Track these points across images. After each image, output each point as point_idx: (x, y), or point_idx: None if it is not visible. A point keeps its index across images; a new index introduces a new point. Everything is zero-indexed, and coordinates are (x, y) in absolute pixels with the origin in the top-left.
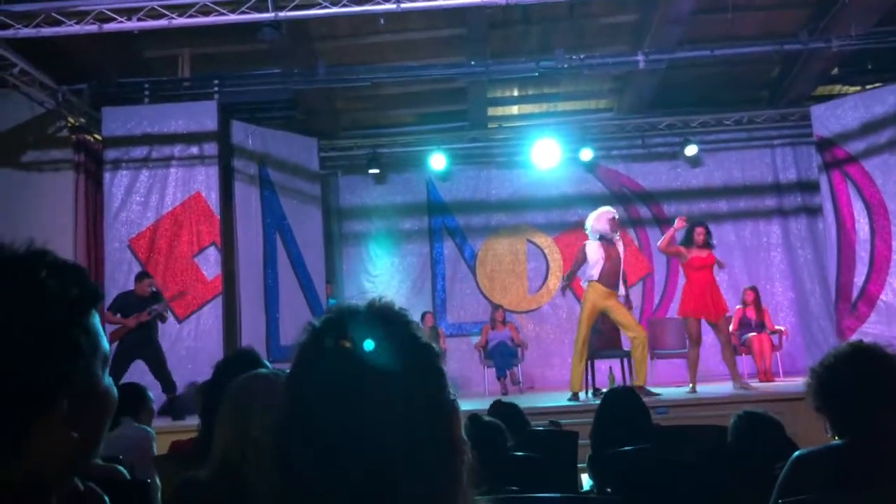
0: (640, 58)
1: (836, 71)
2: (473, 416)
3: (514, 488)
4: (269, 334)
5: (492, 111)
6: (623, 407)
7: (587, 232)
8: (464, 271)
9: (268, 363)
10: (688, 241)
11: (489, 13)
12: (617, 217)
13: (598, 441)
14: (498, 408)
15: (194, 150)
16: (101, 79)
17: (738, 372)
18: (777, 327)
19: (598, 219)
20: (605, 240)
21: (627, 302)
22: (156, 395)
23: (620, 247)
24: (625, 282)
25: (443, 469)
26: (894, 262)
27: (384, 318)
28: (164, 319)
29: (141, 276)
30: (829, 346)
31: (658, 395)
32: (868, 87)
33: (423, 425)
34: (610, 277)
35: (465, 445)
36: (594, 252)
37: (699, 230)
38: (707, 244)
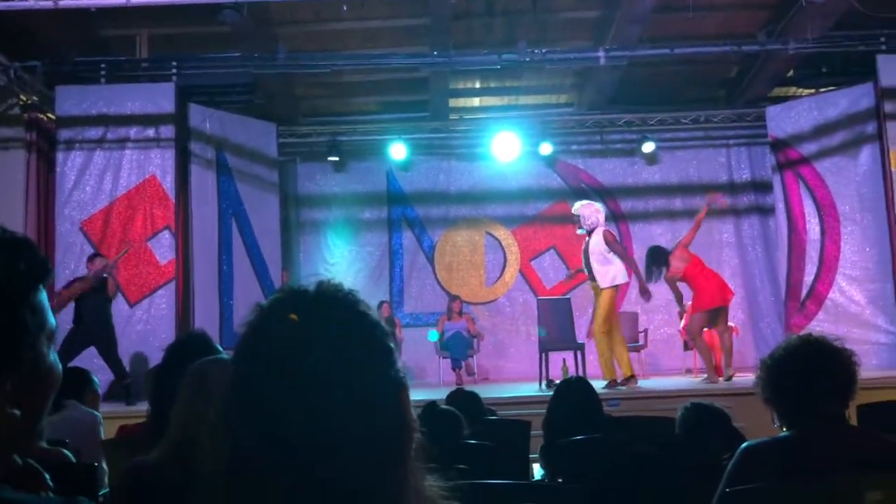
0: (600, 54)
1: (791, 73)
2: (430, 404)
3: (464, 467)
4: (222, 320)
5: (453, 102)
6: (575, 397)
7: (582, 224)
8: (422, 262)
9: (219, 347)
10: (662, 260)
11: (452, 3)
12: (599, 210)
13: (550, 431)
14: (457, 397)
15: (150, 132)
16: (56, 57)
17: (714, 363)
18: (728, 324)
19: (587, 210)
20: (588, 232)
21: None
22: (103, 380)
23: (594, 239)
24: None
25: (391, 446)
26: (843, 263)
27: (333, 297)
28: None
29: (93, 257)
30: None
31: (623, 388)
32: (822, 90)
33: (371, 402)
34: (587, 270)
35: (415, 423)
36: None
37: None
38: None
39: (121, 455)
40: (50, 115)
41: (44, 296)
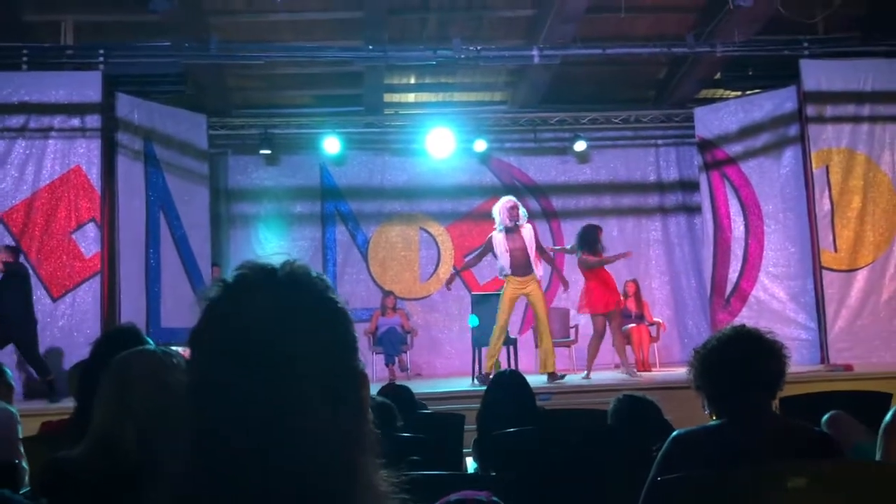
0: (534, 52)
1: (719, 75)
2: None
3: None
4: (149, 315)
5: (388, 97)
6: (508, 391)
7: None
8: (355, 257)
9: (150, 340)
10: (593, 243)
11: None
12: (516, 205)
13: (483, 424)
14: (389, 391)
15: (75, 121)
16: None
17: (627, 359)
18: (655, 319)
19: (500, 210)
20: (508, 230)
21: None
22: (22, 376)
23: (526, 233)
24: (548, 262)
25: (352, 437)
26: (766, 260)
27: (303, 279)
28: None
29: (6, 248)
30: (703, 338)
31: (563, 378)
32: (748, 92)
33: (336, 391)
34: (520, 266)
35: (371, 415)
36: (499, 244)
37: (601, 232)
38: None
39: (43, 452)
40: None
41: None
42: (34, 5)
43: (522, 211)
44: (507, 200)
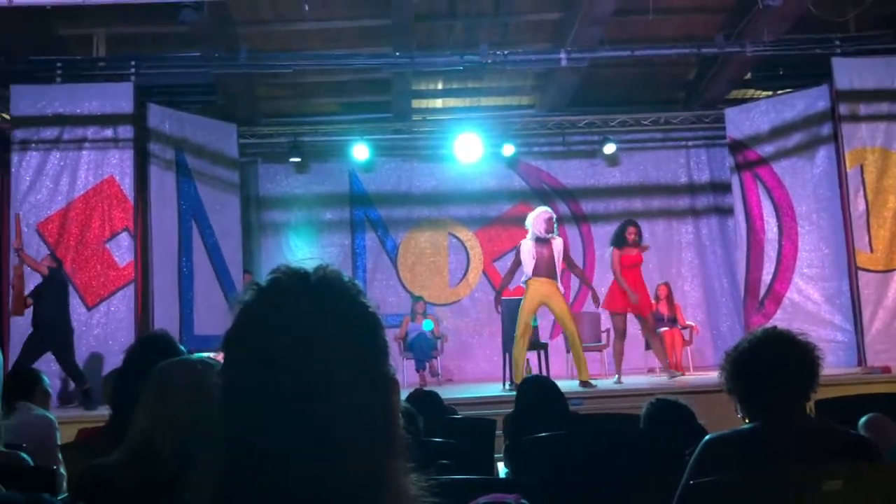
0: (561, 56)
1: (749, 75)
2: None
3: (446, 462)
4: (182, 322)
5: (416, 103)
6: (539, 395)
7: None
8: (385, 263)
9: (182, 348)
10: (620, 240)
11: (415, 4)
12: (552, 217)
13: (514, 429)
14: (417, 396)
15: (108, 132)
16: (11, 55)
17: (667, 362)
18: (688, 323)
19: (535, 220)
20: (539, 240)
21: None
22: (59, 384)
23: (556, 245)
24: (578, 277)
25: (383, 439)
26: (800, 262)
27: (334, 283)
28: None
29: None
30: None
31: (596, 385)
32: (779, 92)
33: (368, 397)
34: (543, 272)
35: (402, 421)
36: (527, 252)
37: (631, 230)
38: (637, 243)
39: (80, 459)
40: (4, 115)
41: None
42: (67, 19)
43: (555, 224)
44: (543, 211)
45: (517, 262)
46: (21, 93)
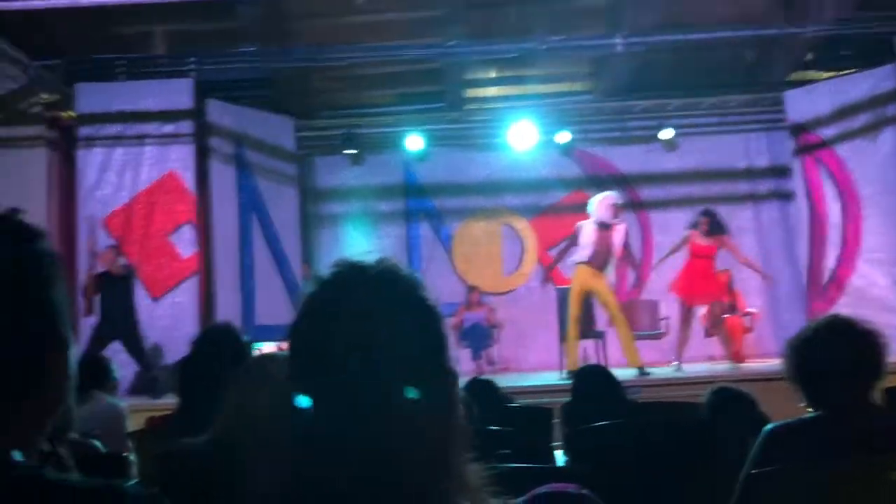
0: (617, 41)
1: (810, 56)
2: None
3: (505, 452)
4: (244, 313)
5: (469, 92)
6: (594, 384)
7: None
8: (440, 253)
9: (245, 338)
10: (696, 225)
11: None
12: (618, 203)
13: (571, 418)
14: (474, 385)
15: (169, 128)
16: (75, 55)
17: (733, 350)
18: (748, 310)
19: (600, 204)
20: (601, 225)
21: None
22: (127, 373)
23: (617, 233)
24: (631, 266)
25: (444, 429)
26: (865, 246)
27: (393, 276)
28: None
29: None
30: (798, 328)
31: (650, 373)
32: (842, 72)
33: (427, 384)
34: (599, 261)
35: (463, 413)
36: (588, 234)
37: (703, 220)
38: (709, 234)
39: (149, 446)
40: (70, 112)
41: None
42: (127, 17)
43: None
44: (609, 196)
45: (573, 242)
46: (85, 91)
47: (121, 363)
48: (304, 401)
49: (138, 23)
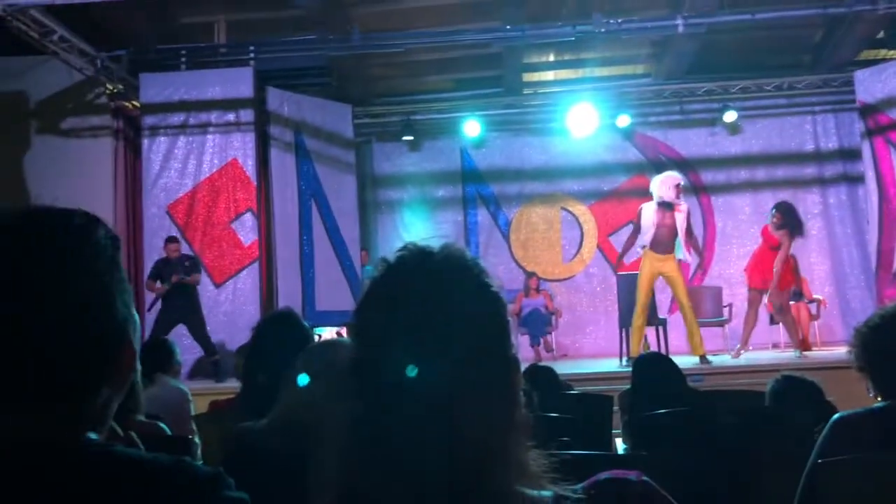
0: (678, 22)
1: (881, 34)
2: None
3: (565, 438)
4: (304, 299)
5: (527, 77)
6: (654, 372)
7: (652, 195)
8: (497, 239)
9: (306, 325)
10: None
11: None
12: (680, 183)
13: (630, 406)
14: (534, 372)
15: (230, 116)
16: (139, 45)
17: (799, 338)
18: (815, 296)
19: (663, 183)
20: (664, 205)
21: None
22: (191, 358)
23: (680, 213)
24: (695, 249)
25: (504, 419)
26: None
27: (458, 262)
28: (195, 282)
29: (167, 241)
30: (868, 315)
31: (711, 361)
32: None
33: (488, 371)
34: (662, 243)
35: (523, 402)
36: (648, 217)
37: (775, 214)
38: (779, 227)
39: (213, 429)
40: (135, 102)
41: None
42: (189, 8)
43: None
44: (672, 176)
45: (637, 230)
46: (149, 81)
47: (184, 348)
48: (364, 381)
49: (200, 13)
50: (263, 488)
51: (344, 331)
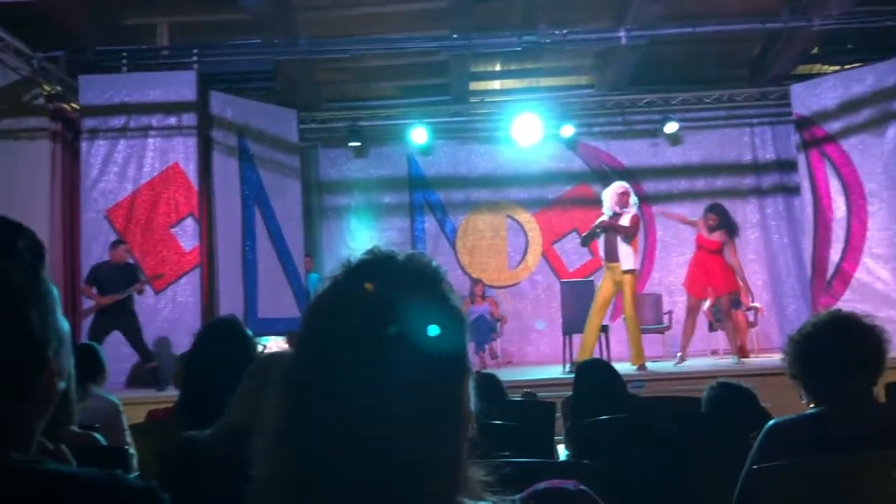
0: (621, 34)
1: (816, 50)
2: None
3: (507, 445)
4: (247, 307)
5: (474, 85)
6: (597, 378)
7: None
8: (444, 246)
9: (249, 332)
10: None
11: None
12: (626, 192)
13: (573, 413)
14: (477, 379)
15: (172, 120)
16: (78, 46)
17: (737, 345)
18: (753, 304)
19: (609, 194)
20: (613, 215)
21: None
22: (129, 365)
23: (624, 220)
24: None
25: (450, 438)
26: (869, 241)
27: (419, 271)
28: (140, 292)
29: (116, 244)
30: (801, 324)
31: (648, 369)
32: (847, 66)
33: (438, 388)
34: (608, 251)
35: (472, 413)
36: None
37: (710, 216)
38: (717, 229)
39: (151, 439)
40: (74, 104)
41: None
42: (132, 9)
43: (633, 199)
44: (618, 185)
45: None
46: (89, 82)
47: (123, 356)
48: (304, 379)
49: (142, 14)
50: (210, 497)
51: (284, 344)
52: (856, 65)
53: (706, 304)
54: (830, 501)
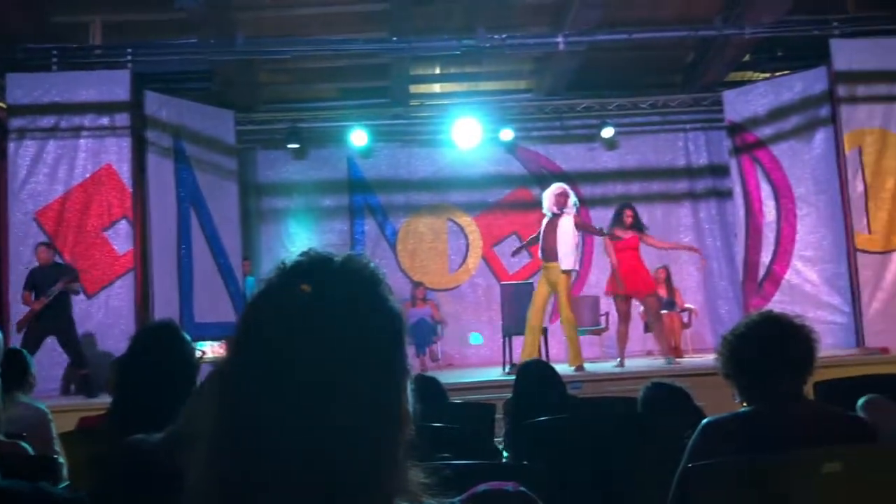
0: (559, 39)
1: (748, 57)
2: None
3: (447, 448)
4: (182, 311)
5: (414, 88)
6: (536, 380)
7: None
8: (384, 249)
9: (186, 336)
10: (617, 222)
11: None
12: (563, 192)
13: (513, 414)
14: (417, 382)
15: (105, 120)
16: (6, 44)
17: (668, 346)
18: (687, 306)
19: (547, 196)
20: (552, 216)
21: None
22: (60, 372)
23: (563, 221)
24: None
25: (387, 441)
26: (798, 244)
27: (357, 272)
28: (75, 292)
29: (37, 245)
30: (734, 324)
31: (586, 370)
32: (777, 74)
33: (375, 392)
34: (546, 251)
35: (410, 415)
36: (541, 228)
37: (627, 212)
38: (633, 226)
39: (82, 446)
40: (0, 103)
41: None
42: (62, 7)
43: (572, 200)
44: (556, 187)
45: (534, 240)
46: (17, 81)
47: (55, 362)
48: (242, 381)
49: (74, 12)
50: (157, 502)
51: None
52: (785, 72)
53: (641, 308)
54: (763, 498)
